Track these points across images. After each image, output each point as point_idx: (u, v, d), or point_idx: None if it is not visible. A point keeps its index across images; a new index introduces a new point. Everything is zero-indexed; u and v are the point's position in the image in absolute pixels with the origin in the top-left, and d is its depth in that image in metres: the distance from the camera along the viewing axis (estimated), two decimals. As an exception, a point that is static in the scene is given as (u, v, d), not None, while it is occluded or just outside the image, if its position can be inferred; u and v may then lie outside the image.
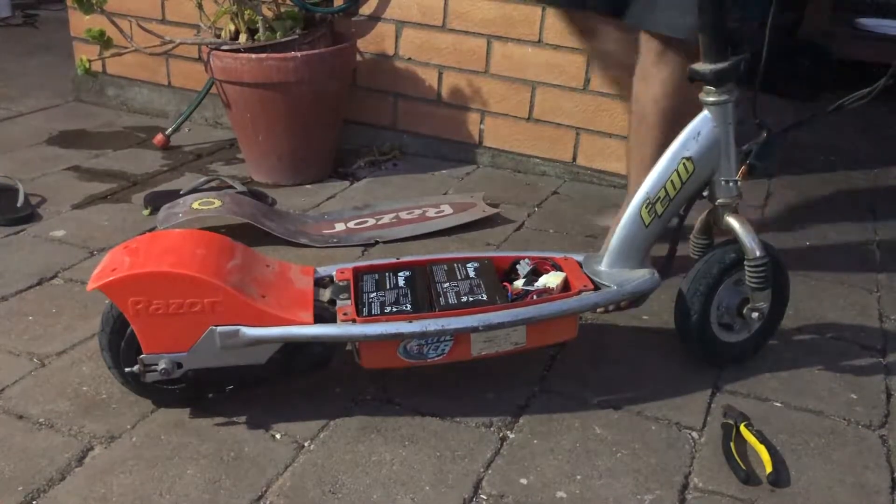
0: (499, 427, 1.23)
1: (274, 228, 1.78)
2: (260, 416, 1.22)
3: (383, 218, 1.91)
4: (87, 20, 2.08)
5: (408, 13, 2.25)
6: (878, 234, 1.99)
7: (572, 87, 2.14)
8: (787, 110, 3.00)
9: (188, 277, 1.10)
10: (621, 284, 1.28)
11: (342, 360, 1.25)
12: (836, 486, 1.14)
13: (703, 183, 1.30)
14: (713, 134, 1.27)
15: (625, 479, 1.13)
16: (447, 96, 2.29)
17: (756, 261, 1.28)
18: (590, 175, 2.22)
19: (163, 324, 1.11)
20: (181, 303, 1.11)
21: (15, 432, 1.16)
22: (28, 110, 2.60)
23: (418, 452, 1.16)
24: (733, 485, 1.13)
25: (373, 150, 2.34)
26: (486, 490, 1.10)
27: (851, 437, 1.24)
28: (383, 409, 1.25)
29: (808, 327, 1.54)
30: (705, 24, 1.22)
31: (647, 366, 1.40)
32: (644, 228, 1.30)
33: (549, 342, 1.28)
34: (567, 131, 2.20)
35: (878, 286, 1.72)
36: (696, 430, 1.24)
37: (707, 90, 1.26)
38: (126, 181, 2.09)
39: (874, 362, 1.44)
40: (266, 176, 2.14)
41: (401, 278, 1.29)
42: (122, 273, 1.10)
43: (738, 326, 1.37)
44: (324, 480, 1.10)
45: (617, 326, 1.51)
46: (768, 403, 1.31)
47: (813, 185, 2.32)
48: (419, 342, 1.17)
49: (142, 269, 1.11)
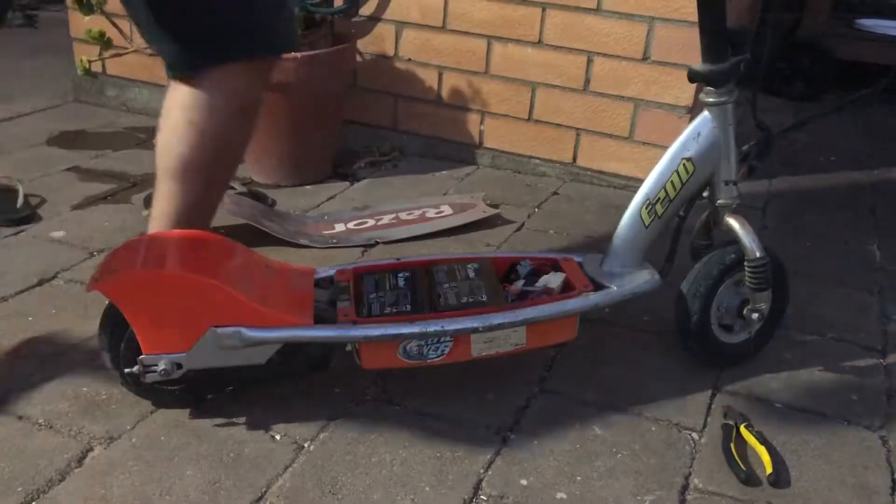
0: (499, 427, 1.22)
1: (274, 229, 1.78)
2: (260, 416, 1.21)
3: (383, 219, 1.91)
4: (87, 21, 2.08)
5: (408, 14, 2.25)
6: (878, 234, 1.99)
7: (572, 87, 2.14)
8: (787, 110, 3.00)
9: (188, 278, 1.10)
10: (621, 285, 1.28)
11: (342, 361, 1.25)
12: (836, 486, 1.14)
13: (703, 183, 1.30)
14: (713, 135, 1.27)
15: (625, 480, 1.13)
16: (447, 97, 2.29)
17: (756, 261, 1.28)
18: (590, 176, 2.22)
19: (163, 324, 1.11)
20: (181, 303, 1.11)
21: (15, 433, 1.16)
22: (28, 111, 2.60)
23: (418, 453, 1.16)
24: (733, 485, 1.13)
25: (373, 150, 2.34)
26: (486, 491, 1.10)
27: (851, 438, 1.24)
28: (383, 409, 1.25)
29: (809, 328, 1.54)
30: (705, 25, 1.22)
31: (647, 366, 1.40)
32: (644, 229, 1.30)
33: (549, 343, 1.28)
34: (567, 132, 2.20)
35: (878, 286, 1.72)
36: (696, 430, 1.24)
37: (707, 91, 1.26)
38: (126, 182, 2.09)
39: (874, 363, 1.44)
40: (266, 176, 2.14)
41: (401, 279, 1.29)
42: (122, 274, 1.10)
43: (738, 327, 1.37)
44: (324, 481, 1.10)
45: (617, 326, 1.51)
46: (768, 404, 1.31)
47: (813, 185, 2.32)
48: (419, 343, 1.17)
49: (142, 270, 1.11)
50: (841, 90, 3.19)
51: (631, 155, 2.14)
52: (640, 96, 2.07)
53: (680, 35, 1.97)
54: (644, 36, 2.01)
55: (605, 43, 2.06)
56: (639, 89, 2.07)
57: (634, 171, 2.13)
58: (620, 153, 2.15)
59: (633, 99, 2.09)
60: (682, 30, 1.97)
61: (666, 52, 2.01)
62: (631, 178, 2.14)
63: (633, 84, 2.07)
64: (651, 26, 2.00)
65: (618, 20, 2.03)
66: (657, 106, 2.06)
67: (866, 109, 3.12)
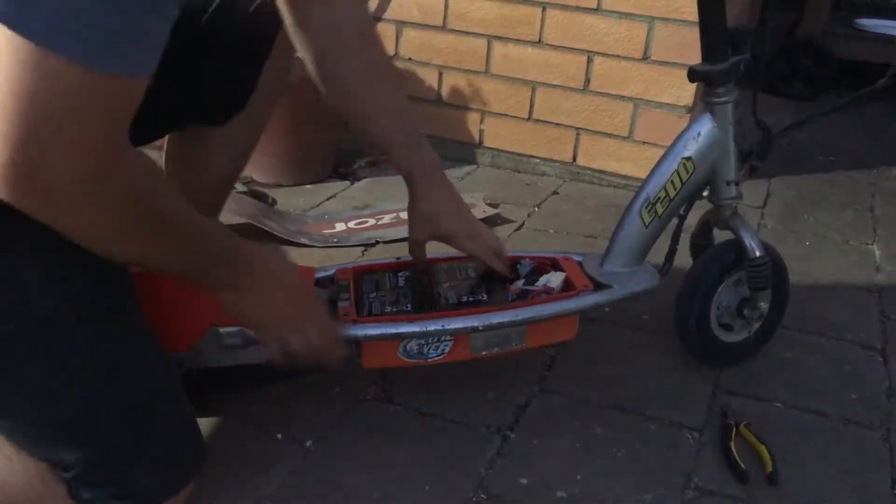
0: (499, 427, 1.23)
1: (274, 228, 1.78)
2: (260, 415, 1.22)
3: (383, 218, 1.91)
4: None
5: (408, 13, 2.25)
6: (878, 234, 1.99)
7: (572, 87, 2.15)
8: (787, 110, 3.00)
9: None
10: (621, 284, 1.28)
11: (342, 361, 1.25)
12: (836, 486, 1.14)
13: (703, 183, 1.30)
14: (713, 134, 1.27)
15: (625, 479, 1.13)
16: (447, 96, 2.29)
17: (756, 261, 1.28)
18: (590, 175, 2.22)
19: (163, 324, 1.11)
20: (182, 303, 1.10)
21: (15, 432, 1.16)
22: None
23: (419, 452, 1.16)
24: (733, 485, 1.13)
25: (373, 150, 2.34)
26: (487, 490, 1.10)
27: (851, 437, 1.24)
28: (383, 409, 1.25)
29: (808, 327, 1.54)
30: (705, 24, 1.22)
31: (647, 366, 1.40)
32: (644, 229, 1.30)
33: (549, 342, 1.28)
34: (567, 131, 2.20)
35: (878, 286, 1.73)
36: (696, 429, 1.24)
37: (707, 91, 1.26)
38: (126, 181, 2.09)
39: (874, 362, 1.44)
40: (266, 176, 2.14)
41: (401, 278, 1.29)
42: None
43: (737, 326, 1.37)
44: (324, 480, 1.10)
45: (617, 326, 1.51)
46: (768, 403, 1.31)
47: (813, 185, 2.32)
48: (419, 342, 1.17)
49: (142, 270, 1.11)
50: (841, 90, 3.20)
51: (631, 154, 2.14)
52: (640, 96, 2.08)
53: (680, 35, 1.97)
54: (644, 36, 2.02)
55: (605, 43, 2.07)
56: (639, 89, 2.07)
57: (634, 171, 2.13)
58: (620, 153, 2.15)
59: (632, 98, 2.09)
60: (682, 30, 1.97)
61: (666, 51, 2.01)
62: (631, 177, 2.14)
63: (632, 84, 2.07)
64: (651, 26, 2.00)
65: (618, 20, 2.03)
66: (657, 106, 2.07)
67: (866, 109, 3.12)
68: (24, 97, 0.67)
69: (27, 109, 0.67)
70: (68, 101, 0.68)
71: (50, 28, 0.66)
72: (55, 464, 0.92)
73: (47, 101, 0.67)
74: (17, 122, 0.67)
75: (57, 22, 0.66)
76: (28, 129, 0.67)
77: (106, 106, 0.71)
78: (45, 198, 0.72)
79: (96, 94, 0.70)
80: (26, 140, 0.68)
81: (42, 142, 0.68)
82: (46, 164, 0.69)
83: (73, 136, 0.70)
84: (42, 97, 0.67)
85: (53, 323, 0.86)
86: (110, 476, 0.94)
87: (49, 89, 0.67)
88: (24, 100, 0.67)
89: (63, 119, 0.69)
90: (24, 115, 0.67)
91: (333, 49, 1.12)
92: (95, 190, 0.74)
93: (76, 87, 0.68)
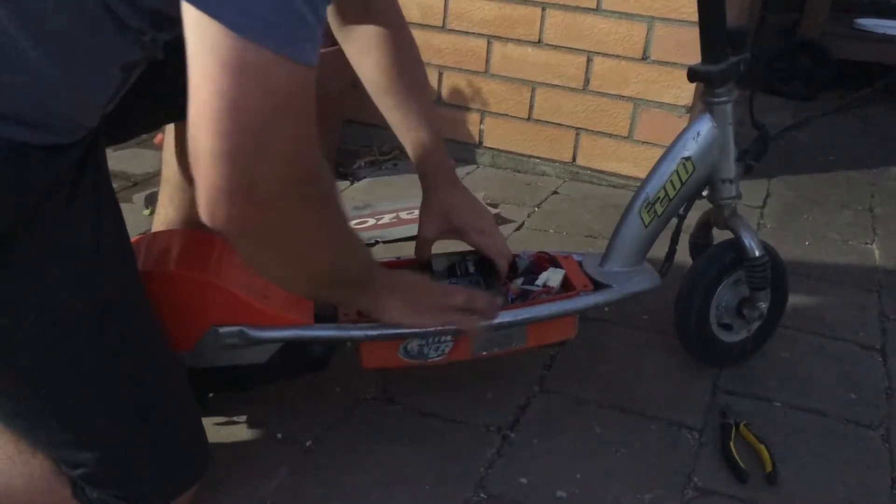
0: (499, 427, 1.23)
1: (274, 228, 1.78)
2: (260, 415, 1.22)
3: (383, 218, 1.91)
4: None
5: (408, 13, 2.23)
6: (877, 234, 1.99)
7: (572, 87, 2.15)
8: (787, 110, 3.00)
9: (189, 277, 1.10)
10: (621, 284, 1.28)
11: (342, 360, 1.25)
12: (836, 485, 1.14)
13: (703, 183, 1.30)
14: (713, 134, 1.27)
15: (624, 478, 1.13)
16: (447, 96, 2.29)
17: (755, 260, 1.28)
18: (590, 175, 2.22)
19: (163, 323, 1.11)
20: (182, 302, 1.11)
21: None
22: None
23: (419, 452, 1.16)
24: (733, 485, 1.13)
25: (373, 150, 2.34)
26: (487, 489, 1.10)
27: (851, 437, 1.25)
28: (383, 408, 1.25)
29: (808, 327, 1.54)
30: (705, 25, 1.22)
31: (647, 366, 1.40)
32: (644, 228, 1.30)
33: (548, 342, 1.28)
34: (567, 131, 2.20)
35: (878, 286, 1.73)
36: (695, 429, 1.24)
37: (707, 90, 1.26)
38: (126, 181, 2.09)
39: (874, 362, 1.45)
40: (266, 176, 2.14)
41: (401, 278, 1.29)
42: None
43: (737, 326, 1.37)
44: (324, 480, 1.10)
45: (617, 326, 1.51)
46: (768, 403, 1.31)
47: (813, 185, 2.32)
48: (419, 342, 1.17)
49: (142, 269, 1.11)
50: (841, 90, 3.20)
51: (630, 154, 2.14)
52: (640, 96, 2.08)
53: (680, 35, 1.98)
54: (644, 36, 2.02)
55: (604, 42, 2.07)
56: (638, 89, 2.07)
57: (634, 171, 2.13)
58: (620, 153, 2.15)
59: (632, 98, 2.09)
60: (681, 29, 1.97)
61: (666, 51, 2.01)
62: (630, 177, 2.14)
63: (632, 84, 2.07)
64: (651, 26, 2.00)
65: (617, 20, 2.03)
66: (657, 105, 2.07)
67: (866, 109, 3.12)
68: (232, 102, 0.56)
69: (239, 116, 0.57)
70: (279, 101, 0.60)
71: (245, 15, 0.56)
72: (64, 462, 0.93)
73: (259, 103, 0.58)
74: (229, 132, 0.57)
75: (252, 7, 0.56)
76: (242, 139, 0.58)
77: (309, 99, 0.64)
78: (263, 213, 0.64)
79: (303, 88, 0.62)
80: (242, 152, 0.58)
81: (258, 150, 0.59)
82: (266, 174, 0.60)
83: (288, 138, 0.62)
84: (253, 100, 0.58)
85: (78, 328, 0.86)
86: (119, 476, 0.94)
87: (259, 89, 0.58)
88: (232, 105, 0.56)
89: (276, 122, 0.60)
90: (236, 122, 0.57)
91: (379, 42, 1.18)
92: (306, 193, 0.67)
93: (284, 84, 0.60)
